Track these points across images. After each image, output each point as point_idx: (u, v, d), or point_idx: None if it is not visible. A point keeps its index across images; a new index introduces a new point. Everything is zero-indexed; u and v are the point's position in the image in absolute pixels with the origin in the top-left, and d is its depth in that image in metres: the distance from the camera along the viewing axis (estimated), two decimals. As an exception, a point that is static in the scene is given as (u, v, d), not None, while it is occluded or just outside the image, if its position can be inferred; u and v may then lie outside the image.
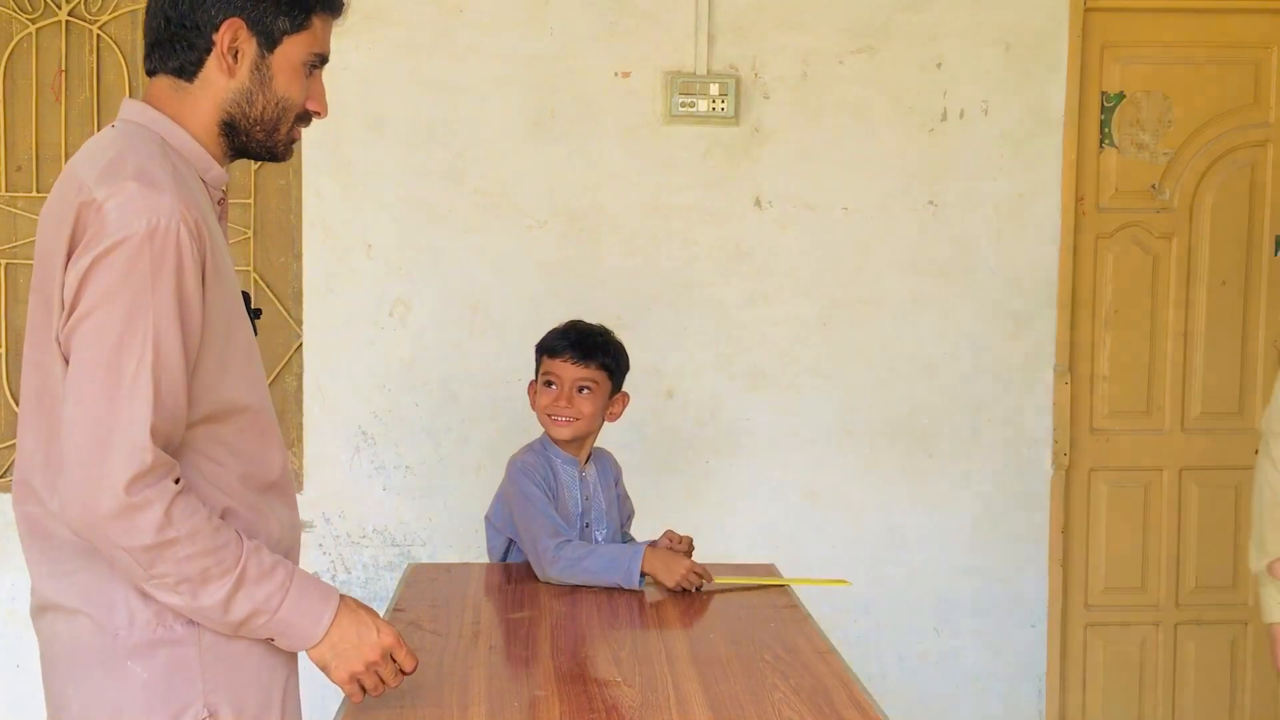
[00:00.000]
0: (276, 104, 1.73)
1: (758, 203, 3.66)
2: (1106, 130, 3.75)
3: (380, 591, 3.56)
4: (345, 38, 3.52)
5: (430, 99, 3.59)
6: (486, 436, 3.62)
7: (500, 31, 3.58)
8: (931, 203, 3.68)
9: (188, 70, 1.71)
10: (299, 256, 3.60)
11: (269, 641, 1.70)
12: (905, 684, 3.75)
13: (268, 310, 3.61)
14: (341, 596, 1.73)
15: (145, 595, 1.64)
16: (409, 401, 3.63)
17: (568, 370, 2.66)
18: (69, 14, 3.56)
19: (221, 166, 1.76)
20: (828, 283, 3.68)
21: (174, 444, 1.62)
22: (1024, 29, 3.66)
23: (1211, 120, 3.77)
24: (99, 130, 3.59)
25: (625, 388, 2.76)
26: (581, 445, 2.73)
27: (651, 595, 2.43)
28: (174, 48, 1.70)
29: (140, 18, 1.79)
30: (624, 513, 2.86)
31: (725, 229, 3.65)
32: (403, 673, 1.78)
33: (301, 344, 3.61)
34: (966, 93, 3.66)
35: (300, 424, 3.62)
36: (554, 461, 2.68)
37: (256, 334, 1.81)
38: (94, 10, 3.57)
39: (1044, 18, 3.65)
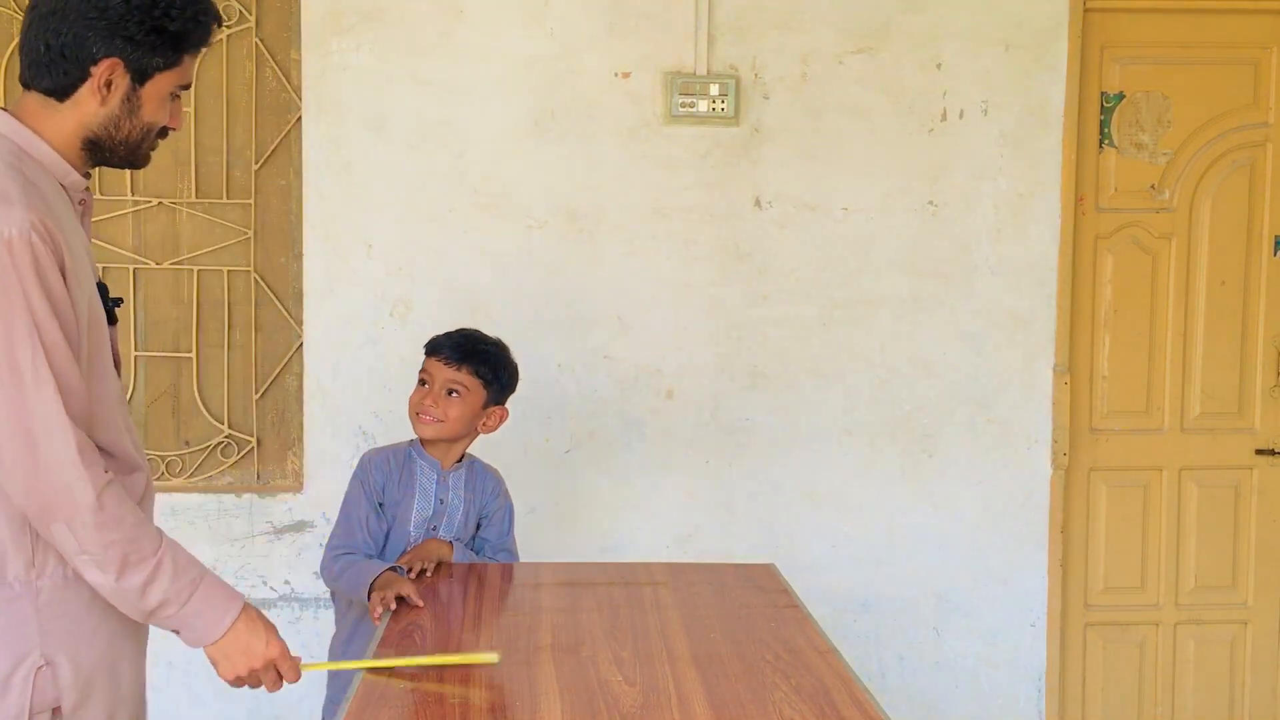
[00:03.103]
0: (142, 128, 1.88)
1: (758, 203, 3.66)
2: (1106, 130, 3.75)
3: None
4: (345, 37, 3.52)
5: (430, 99, 3.59)
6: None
7: (500, 31, 3.58)
8: (931, 203, 3.68)
9: (60, 93, 1.83)
10: (299, 257, 3.60)
11: (176, 633, 1.86)
12: (905, 684, 3.75)
13: (269, 310, 3.61)
14: (245, 605, 1.88)
15: None
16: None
17: (440, 370, 2.71)
18: (69, 14, 3.55)
19: (80, 173, 1.87)
20: (828, 283, 3.68)
21: (83, 424, 1.76)
22: (1024, 29, 3.66)
23: (1211, 120, 3.77)
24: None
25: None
26: (448, 449, 2.74)
27: (659, 595, 2.44)
28: (50, 71, 1.82)
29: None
30: (493, 543, 2.78)
31: (725, 229, 3.65)
32: (284, 680, 1.93)
33: (302, 344, 3.60)
34: (966, 93, 3.67)
35: (300, 424, 3.62)
36: (415, 460, 2.72)
37: (115, 322, 1.93)
38: (94, 10, 3.56)
39: (1044, 18, 3.66)
